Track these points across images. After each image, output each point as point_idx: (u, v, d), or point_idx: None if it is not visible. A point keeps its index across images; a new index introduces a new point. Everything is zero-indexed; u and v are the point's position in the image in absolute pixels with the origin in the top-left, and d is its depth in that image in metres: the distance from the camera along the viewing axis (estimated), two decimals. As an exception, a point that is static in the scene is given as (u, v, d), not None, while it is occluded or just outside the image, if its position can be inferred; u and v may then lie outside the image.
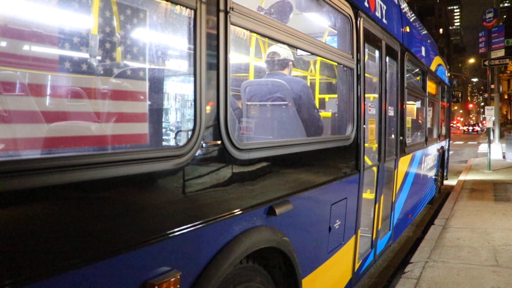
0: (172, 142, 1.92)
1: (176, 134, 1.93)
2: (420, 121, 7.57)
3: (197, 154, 1.75)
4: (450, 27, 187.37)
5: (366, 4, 3.82)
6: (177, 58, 2.27)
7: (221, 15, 1.87)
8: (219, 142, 1.88)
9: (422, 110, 7.56)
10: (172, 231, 1.64)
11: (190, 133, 1.73)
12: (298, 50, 3.67)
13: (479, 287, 4.15)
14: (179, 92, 2.08)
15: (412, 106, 7.16)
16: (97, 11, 1.67)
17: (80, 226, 1.32)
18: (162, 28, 2.04)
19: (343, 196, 3.37)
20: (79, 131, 1.60)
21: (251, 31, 2.21)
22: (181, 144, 1.72)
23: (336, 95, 4.34)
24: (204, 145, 1.78)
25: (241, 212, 2.04)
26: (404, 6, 5.85)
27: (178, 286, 1.63)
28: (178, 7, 1.77)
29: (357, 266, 3.84)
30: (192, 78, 1.74)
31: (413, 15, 6.73)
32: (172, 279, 1.59)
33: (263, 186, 2.26)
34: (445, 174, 10.62)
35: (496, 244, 5.52)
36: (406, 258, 5.51)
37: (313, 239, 2.90)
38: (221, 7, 1.86)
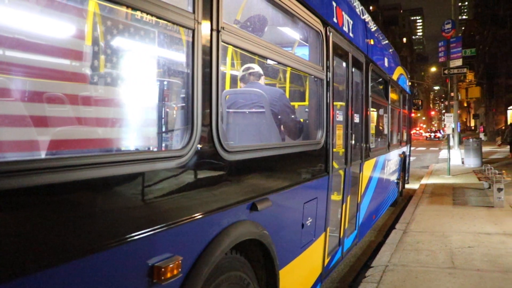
0: (174, 146, 2.19)
1: (176, 139, 2.18)
2: (383, 128, 7.90)
3: (193, 155, 1.99)
4: (413, 37, 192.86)
5: (335, 19, 4.14)
6: (179, 73, 2.52)
7: (214, 33, 2.13)
8: (211, 145, 2.14)
9: (384, 117, 7.89)
10: (174, 221, 1.87)
11: (188, 137, 1.98)
12: (269, 61, 3.93)
13: (436, 289, 4.29)
14: (179, 101, 2.34)
15: (374, 113, 7.40)
16: (116, 33, 1.92)
17: (104, 216, 1.54)
18: (168, 46, 2.40)
19: (314, 196, 3.65)
20: (103, 134, 1.89)
21: (239, 47, 2.51)
22: (180, 147, 1.96)
23: (304, 103, 4.68)
24: (199, 147, 2.03)
25: (229, 207, 2.30)
26: (369, 20, 6.25)
27: (180, 269, 1.85)
28: (180, 28, 2.05)
29: (326, 261, 4.13)
30: (190, 89, 1.99)
31: (376, 28, 7.14)
32: (175, 263, 1.82)
33: (247, 184, 2.55)
34: (406, 178, 11.12)
35: (453, 246, 5.71)
36: (367, 262, 5.62)
37: (288, 234, 3.17)
38: (214, 27, 2.13)
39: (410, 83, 11.95)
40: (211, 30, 2.12)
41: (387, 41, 8.54)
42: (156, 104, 2.24)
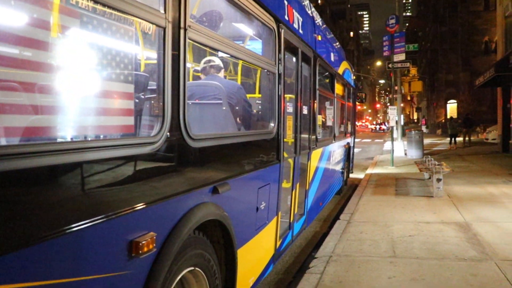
0: (148, 133, 2.30)
1: (150, 127, 2.35)
2: (329, 119, 8.14)
3: (164, 142, 2.19)
4: (360, 31, 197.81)
5: (286, 17, 4.41)
6: (151, 67, 2.89)
7: (182, 31, 2.34)
8: (179, 133, 2.34)
9: (331, 109, 8.17)
10: (148, 201, 2.06)
11: (159, 126, 2.17)
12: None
13: (377, 278, 4.36)
14: (151, 92, 2.56)
15: (322, 106, 7.57)
16: (99, 31, 2.05)
17: (91, 194, 1.74)
18: (143, 43, 2.76)
19: (267, 182, 3.92)
20: (87, 122, 2.02)
21: (203, 44, 2.77)
22: (153, 134, 2.15)
23: (255, 95, 4.95)
24: (168, 135, 2.22)
25: (194, 189, 2.53)
26: (317, 17, 6.59)
27: (154, 244, 2.06)
28: (152, 26, 2.29)
29: (278, 243, 4.41)
30: (161, 82, 2.19)
31: (324, 25, 7.50)
32: (151, 238, 2.02)
33: (209, 169, 2.80)
34: (351, 167, 11.62)
35: (395, 236, 5.85)
36: (312, 253, 5.66)
37: (245, 216, 3.46)
38: (182, 25, 2.34)
39: (355, 77, 12.39)
40: (179, 28, 2.32)
41: (333, 37, 8.93)
42: (133, 96, 2.36)
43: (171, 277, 2.25)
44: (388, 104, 18.54)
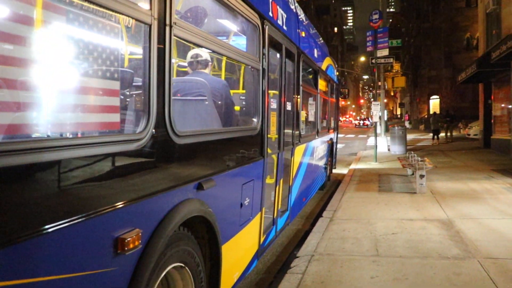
0: (134, 130, 2.31)
1: (135, 124, 2.34)
2: (312, 115, 8.12)
3: (150, 139, 2.20)
4: (344, 27, 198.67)
5: (270, 14, 4.44)
6: (137, 63, 2.89)
7: (167, 28, 2.35)
8: (164, 129, 2.35)
9: (314, 105, 8.17)
10: (134, 198, 2.08)
11: (145, 123, 2.18)
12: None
13: (360, 278, 4.27)
14: (137, 89, 2.55)
15: (305, 102, 7.63)
16: (84, 28, 2.04)
17: (76, 192, 1.75)
18: (129, 40, 2.76)
19: (251, 178, 3.94)
20: (75, 119, 2.03)
21: (188, 41, 2.77)
22: (139, 131, 2.16)
23: (239, 91, 4.91)
24: (154, 132, 2.23)
25: (179, 186, 2.54)
26: (301, 13, 6.66)
27: (140, 240, 2.07)
28: (139, 23, 2.23)
29: (262, 239, 4.44)
30: (147, 79, 2.20)
31: (308, 21, 7.54)
32: (137, 235, 2.04)
33: (194, 166, 2.81)
34: (334, 163, 11.67)
35: (378, 234, 5.77)
36: (294, 251, 5.55)
37: (229, 212, 3.49)
38: (167, 22, 2.35)
39: (338, 73, 12.46)
40: (165, 25, 2.33)
41: (317, 33, 8.98)
42: (119, 93, 2.35)
43: (156, 273, 2.28)
44: (372, 99, 18.56)
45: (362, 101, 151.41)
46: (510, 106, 15.74)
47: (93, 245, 1.82)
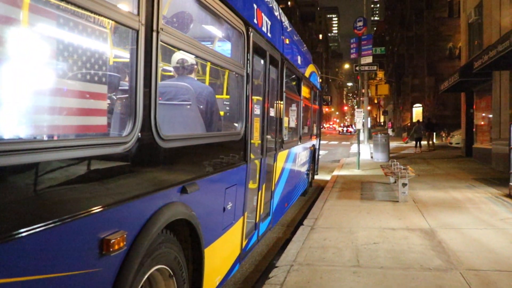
0: (120, 134, 2.31)
1: (121, 127, 2.34)
2: (295, 122, 8.09)
3: (136, 142, 2.22)
4: (329, 34, 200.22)
5: (255, 21, 4.48)
6: (124, 68, 2.93)
7: (154, 34, 2.38)
8: (149, 133, 2.37)
9: (297, 111, 8.15)
10: (120, 200, 2.10)
11: (131, 126, 2.20)
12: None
13: (340, 290, 4.12)
14: (124, 93, 2.58)
15: (288, 108, 7.55)
16: (73, 32, 2.02)
17: (62, 193, 1.76)
18: (116, 45, 2.72)
19: (234, 183, 3.98)
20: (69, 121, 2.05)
21: (174, 47, 2.82)
22: (125, 134, 2.19)
23: (223, 96, 4.92)
24: (140, 135, 2.26)
25: (164, 189, 2.58)
26: (285, 21, 6.72)
27: (125, 242, 2.10)
28: (128, 29, 2.24)
29: (244, 243, 4.46)
30: (133, 83, 2.23)
31: (292, 28, 7.61)
32: (122, 236, 2.07)
33: (178, 169, 2.85)
34: (316, 169, 11.65)
35: (359, 243, 5.65)
36: (273, 261, 5.38)
37: (212, 216, 3.51)
38: (154, 28, 2.38)
39: (321, 80, 12.51)
40: (152, 31, 2.36)
41: (301, 40, 9.04)
42: (106, 96, 2.34)
43: (140, 275, 2.30)
44: (356, 106, 18.57)
45: (346, 108, 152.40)
46: (491, 116, 15.85)
47: (79, 245, 1.84)
